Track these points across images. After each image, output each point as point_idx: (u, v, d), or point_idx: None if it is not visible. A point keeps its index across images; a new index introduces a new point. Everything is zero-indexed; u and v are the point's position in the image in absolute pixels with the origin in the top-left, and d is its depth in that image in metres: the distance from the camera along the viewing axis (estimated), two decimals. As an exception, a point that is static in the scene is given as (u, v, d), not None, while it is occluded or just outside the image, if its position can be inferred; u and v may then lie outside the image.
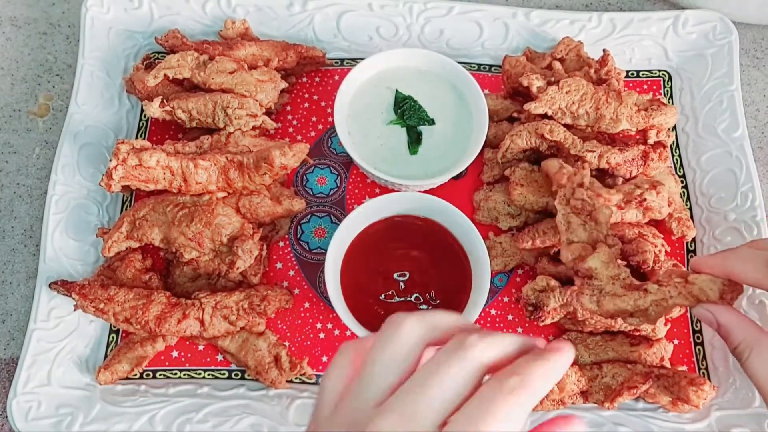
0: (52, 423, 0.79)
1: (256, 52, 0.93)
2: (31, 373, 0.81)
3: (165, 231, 0.84)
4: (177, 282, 0.88)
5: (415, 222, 0.85)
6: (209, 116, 0.88)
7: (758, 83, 1.05)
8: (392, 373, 0.46)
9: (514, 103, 0.95)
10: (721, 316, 0.61)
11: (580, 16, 1.00)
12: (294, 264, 0.91)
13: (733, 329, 0.60)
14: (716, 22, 0.99)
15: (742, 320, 0.61)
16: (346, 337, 0.87)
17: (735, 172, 0.92)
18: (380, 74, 0.93)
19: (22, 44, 1.06)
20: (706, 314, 0.62)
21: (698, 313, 0.63)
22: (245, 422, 0.80)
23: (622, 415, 0.81)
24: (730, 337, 0.61)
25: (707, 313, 0.62)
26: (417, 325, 0.48)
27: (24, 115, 1.01)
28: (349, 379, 0.49)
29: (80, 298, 0.81)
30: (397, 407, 0.44)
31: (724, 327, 0.61)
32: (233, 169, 0.83)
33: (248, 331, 0.84)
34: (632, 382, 0.79)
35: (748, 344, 0.59)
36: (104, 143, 0.94)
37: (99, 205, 0.91)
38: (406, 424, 0.43)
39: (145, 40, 1.01)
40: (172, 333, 0.81)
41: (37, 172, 0.98)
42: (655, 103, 0.87)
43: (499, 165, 0.91)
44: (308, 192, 0.94)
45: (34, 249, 0.93)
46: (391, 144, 0.90)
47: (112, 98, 0.97)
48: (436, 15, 1.00)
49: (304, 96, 1.00)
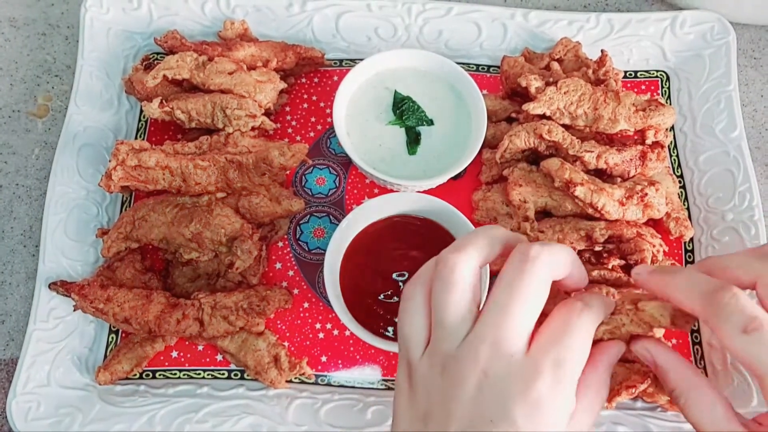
0: (52, 423, 0.79)
1: (255, 53, 0.94)
2: (31, 373, 0.81)
3: (164, 231, 0.84)
4: (176, 282, 0.88)
5: (414, 222, 0.85)
6: (208, 117, 0.88)
7: (756, 83, 1.05)
8: (466, 309, 0.51)
9: (513, 103, 0.95)
10: (659, 357, 0.57)
11: (578, 17, 1.00)
12: (293, 264, 0.91)
13: (669, 372, 0.56)
14: (714, 22, 0.99)
15: (679, 363, 0.56)
16: (345, 337, 0.87)
17: (733, 172, 0.92)
18: (379, 75, 0.93)
19: (21, 45, 1.06)
20: (644, 353, 0.57)
21: (636, 351, 0.58)
22: (245, 422, 0.80)
23: (621, 414, 0.81)
24: (667, 379, 0.56)
25: (645, 352, 0.57)
26: (472, 256, 0.53)
27: (23, 115, 1.01)
28: (426, 319, 0.53)
29: (80, 298, 0.81)
30: (486, 337, 0.49)
31: (661, 368, 0.56)
32: (232, 170, 0.83)
33: (247, 331, 0.84)
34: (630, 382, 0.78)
35: (682, 390, 0.54)
36: (103, 144, 0.94)
37: (98, 205, 0.92)
38: (498, 350, 0.49)
39: (144, 41, 1.01)
40: (172, 333, 0.81)
41: (36, 173, 0.98)
42: (653, 104, 0.88)
43: (498, 165, 0.92)
44: (307, 192, 0.95)
45: (33, 249, 0.93)
46: (389, 144, 0.90)
47: (112, 99, 0.97)
48: (434, 16, 1.00)
49: (303, 96, 1.00)
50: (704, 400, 0.53)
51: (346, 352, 0.87)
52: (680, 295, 0.53)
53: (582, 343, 0.51)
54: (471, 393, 0.49)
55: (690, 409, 0.54)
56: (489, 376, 0.48)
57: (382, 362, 0.86)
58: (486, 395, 0.48)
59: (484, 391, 0.48)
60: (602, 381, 0.54)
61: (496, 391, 0.48)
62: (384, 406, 0.82)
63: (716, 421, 0.52)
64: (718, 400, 0.53)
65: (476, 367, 0.49)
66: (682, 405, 0.54)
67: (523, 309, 0.50)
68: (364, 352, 0.86)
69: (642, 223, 0.86)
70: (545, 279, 0.51)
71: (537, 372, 0.48)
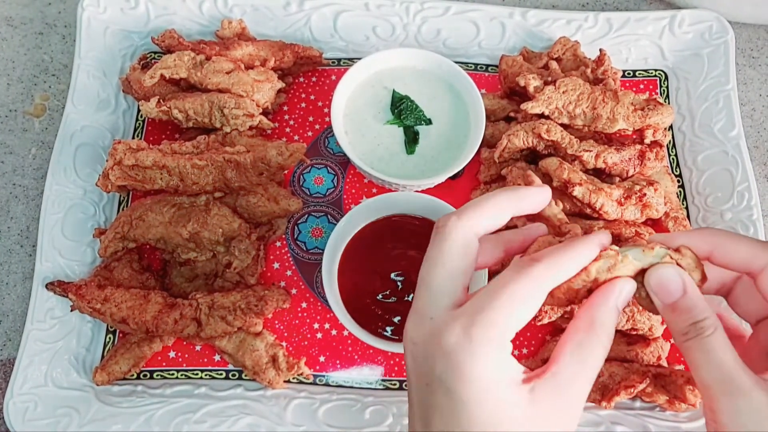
0: (49, 424, 0.79)
1: (252, 52, 0.93)
2: (28, 373, 0.81)
3: (162, 231, 0.84)
4: (174, 282, 0.88)
5: (412, 222, 0.85)
6: (206, 116, 0.88)
7: (754, 82, 1.05)
8: (444, 276, 0.51)
9: (511, 102, 0.95)
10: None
11: (577, 16, 1.00)
12: (291, 264, 0.90)
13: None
14: (712, 21, 0.99)
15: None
16: (343, 337, 0.87)
17: (731, 171, 0.92)
18: (377, 74, 0.93)
19: (18, 44, 1.06)
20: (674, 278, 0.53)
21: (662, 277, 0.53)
22: (243, 422, 0.80)
23: (620, 414, 0.81)
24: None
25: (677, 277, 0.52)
26: (468, 220, 0.52)
27: (20, 115, 1.01)
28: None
29: (77, 298, 0.81)
30: (413, 308, 0.51)
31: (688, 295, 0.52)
32: (230, 169, 0.83)
33: (245, 331, 0.84)
34: (629, 381, 0.79)
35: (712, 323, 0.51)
36: (101, 143, 0.94)
37: (95, 205, 0.91)
38: (418, 317, 0.50)
39: (142, 40, 1.01)
40: (169, 333, 0.81)
41: (33, 173, 0.97)
42: (651, 103, 0.88)
43: (496, 164, 0.91)
44: (305, 192, 0.94)
45: (30, 249, 0.93)
46: (388, 144, 0.90)
47: (109, 98, 0.97)
48: (432, 15, 1.00)
49: (301, 96, 1.00)
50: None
51: (345, 352, 0.86)
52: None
53: (509, 298, 0.47)
54: (410, 364, 0.50)
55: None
56: (416, 343, 0.49)
57: (380, 362, 0.86)
58: (418, 363, 0.49)
59: (417, 360, 0.49)
60: (593, 328, 0.51)
61: (423, 356, 0.49)
62: (382, 406, 0.82)
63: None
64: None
65: (407, 338, 0.50)
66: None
67: (436, 273, 0.51)
68: (363, 352, 0.86)
69: (641, 223, 0.85)
70: (459, 242, 0.51)
71: (447, 327, 0.47)
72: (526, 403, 0.47)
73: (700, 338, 0.51)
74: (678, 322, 0.52)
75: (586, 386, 0.49)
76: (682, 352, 0.53)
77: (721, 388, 0.49)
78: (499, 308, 0.47)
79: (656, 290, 0.53)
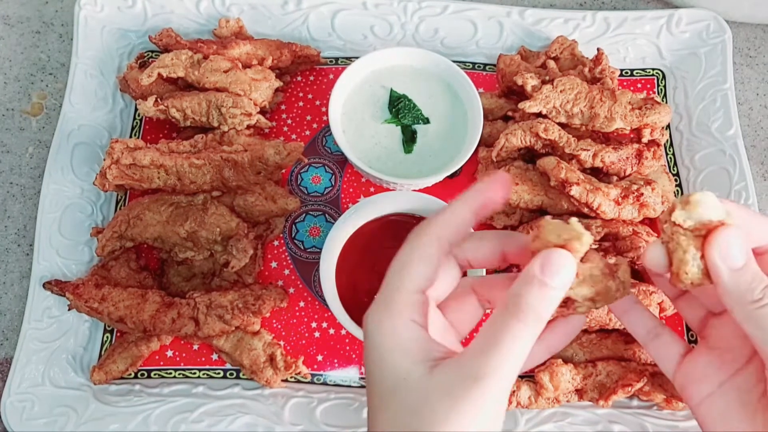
0: (47, 423, 0.79)
1: (250, 51, 0.93)
2: (25, 373, 0.81)
3: (159, 230, 0.84)
4: (171, 281, 0.87)
5: (410, 221, 0.85)
6: (203, 115, 0.88)
7: (751, 82, 1.05)
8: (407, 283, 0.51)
9: (509, 101, 0.95)
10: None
11: (574, 15, 1.00)
12: (289, 263, 0.90)
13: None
14: (710, 20, 0.99)
15: None
16: (341, 336, 0.87)
17: (728, 170, 0.92)
18: (375, 73, 0.93)
19: (15, 43, 1.06)
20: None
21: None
22: (240, 422, 0.80)
23: (617, 413, 0.81)
24: None
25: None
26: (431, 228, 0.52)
27: (17, 114, 1.01)
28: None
29: (74, 297, 0.81)
30: None
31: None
32: (228, 168, 0.83)
33: (243, 330, 0.84)
34: (627, 380, 0.79)
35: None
36: (98, 142, 0.94)
37: (93, 204, 0.91)
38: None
39: (139, 39, 1.00)
40: (167, 332, 0.81)
41: (30, 172, 0.97)
42: (649, 102, 0.88)
43: (494, 164, 0.91)
44: (303, 191, 0.94)
45: (27, 248, 0.93)
46: (385, 143, 0.90)
47: (106, 97, 0.97)
48: (430, 14, 1.00)
49: (299, 95, 1.00)
50: None
51: (342, 351, 0.86)
52: None
53: (409, 264, 0.50)
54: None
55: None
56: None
57: (378, 361, 0.86)
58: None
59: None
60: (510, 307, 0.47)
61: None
62: (380, 405, 0.82)
63: None
64: None
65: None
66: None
67: (398, 277, 0.50)
68: (360, 351, 0.86)
69: (638, 222, 0.86)
70: (424, 252, 0.50)
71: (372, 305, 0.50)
72: (419, 375, 0.46)
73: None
74: (749, 288, 0.48)
75: (501, 376, 0.45)
76: (746, 322, 0.49)
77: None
78: (394, 278, 0.49)
79: (724, 255, 0.48)
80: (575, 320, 0.56)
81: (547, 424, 0.80)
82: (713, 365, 0.55)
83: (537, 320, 0.46)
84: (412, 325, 0.48)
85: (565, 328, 0.56)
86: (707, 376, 0.55)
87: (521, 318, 0.45)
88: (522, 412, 0.81)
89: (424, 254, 0.50)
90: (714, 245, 0.48)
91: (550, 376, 0.79)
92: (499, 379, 0.44)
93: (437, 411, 0.44)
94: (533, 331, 0.46)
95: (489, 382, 0.44)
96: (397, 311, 0.48)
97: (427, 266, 0.50)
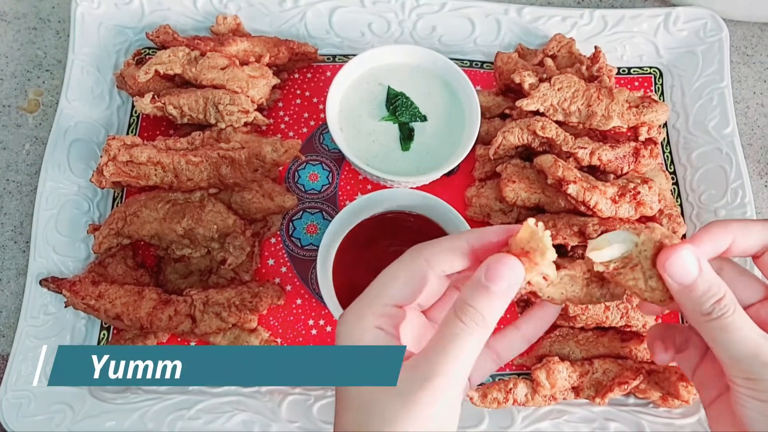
0: (43, 420, 0.79)
1: (247, 48, 0.93)
2: (22, 369, 0.81)
3: (156, 227, 0.84)
4: (168, 278, 0.87)
5: (407, 218, 0.85)
6: (201, 112, 0.87)
7: (748, 80, 1.06)
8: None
9: (506, 99, 0.95)
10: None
11: (572, 13, 1.00)
12: (286, 260, 0.90)
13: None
14: (707, 19, 0.99)
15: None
16: (338, 333, 0.87)
17: (725, 168, 0.92)
18: (372, 70, 0.93)
19: (11, 39, 1.05)
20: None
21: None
22: (237, 419, 0.80)
23: (613, 410, 0.82)
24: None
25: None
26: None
27: (14, 110, 1.01)
28: None
29: (71, 294, 0.81)
30: None
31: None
32: (225, 166, 0.83)
33: (240, 327, 0.84)
34: (623, 378, 0.79)
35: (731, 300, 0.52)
36: (95, 139, 0.94)
37: (90, 201, 0.91)
38: None
39: (136, 36, 1.00)
40: (164, 329, 0.81)
41: (27, 168, 0.97)
42: (646, 100, 0.88)
43: (491, 161, 0.91)
44: (300, 188, 0.94)
45: (24, 245, 0.93)
46: (383, 140, 0.90)
47: (103, 94, 0.96)
48: (428, 11, 1.00)
49: (296, 92, 1.00)
50: None
51: (339, 348, 0.86)
52: None
53: (379, 281, 0.54)
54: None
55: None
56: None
57: (375, 359, 0.86)
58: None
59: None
60: (456, 312, 0.50)
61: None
62: (377, 403, 0.82)
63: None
64: None
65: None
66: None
67: (378, 289, 0.53)
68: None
69: (635, 220, 0.86)
70: (411, 271, 0.52)
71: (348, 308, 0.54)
72: None
73: (725, 317, 0.51)
74: (698, 302, 0.51)
75: (449, 376, 0.47)
76: (702, 332, 0.52)
77: (755, 360, 0.50)
78: (372, 289, 0.52)
79: (671, 272, 0.51)
80: (551, 308, 0.58)
81: (544, 421, 0.80)
82: (717, 374, 0.57)
83: (482, 323, 0.48)
84: (376, 332, 0.50)
85: (541, 315, 0.58)
86: (713, 382, 0.59)
87: (467, 321, 0.47)
88: (518, 409, 0.81)
89: (410, 273, 0.52)
90: (659, 265, 0.51)
91: (546, 374, 0.79)
92: (448, 379, 0.47)
93: (387, 411, 0.47)
94: (480, 334, 0.48)
95: (438, 382, 0.46)
96: (365, 318, 0.51)
97: (409, 285, 0.52)
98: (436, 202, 0.82)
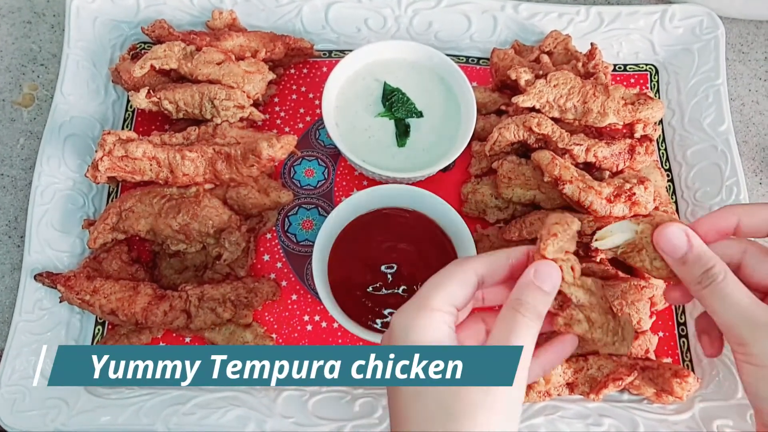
0: (38, 415, 0.79)
1: (243, 43, 0.93)
2: (16, 365, 0.81)
3: (151, 223, 0.84)
4: (163, 274, 0.87)
5: (402, 214, 0.85)
6: (196, 107, 0.87)
7: (744, 78, 1.06)
8: None
9: (502, 96, 0.95)
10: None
11: (568, 10, 1.00)
12: (281, 256, 0.90)
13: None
14: (703, 16, 0.99)
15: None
16: (333, 329, 0.87)
17: (720, 165, 0.92)
18: (368, 66, 0.93)
19: (6, 33, 1.05)
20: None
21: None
22: (232, 414, 0.80)
23: (608, 406, 0.82)
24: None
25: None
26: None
27: (8, 104, 1.00)
28: None
29: (66, 289, 0.80)
30: None
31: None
32: (220, 161, 0.83)
33: (235, 323, 0.84)
34: (617, 374, 0.79)
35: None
36: (90, 134, 0.93)
37: (85, 196, 0.91)
38: None
39: (132, 30, 1.00)
40: (159, 325, 0.81)
41: (21, 163, 0.97)
42: (641, 97, 0.88)
43: (487, 158, 0.92)
44: (296, 184, 0.94)
45: (18, 240, 0.92)
46: (379, 136, 0.90)
47: (98, 88, 0.96)
48: (424, 7, 1.00)
49: (292, 87, 1.00)
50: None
51: (335, 344, 0.86)
52: None
53: (440, 283, 0.59)
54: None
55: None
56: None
57: (370, 354, 0.86)
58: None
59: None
60: (517, 307, 0.57)
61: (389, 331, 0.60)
62: (372, 399, 0.82)
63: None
64: None
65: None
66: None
67: (431, 283, 0.59)
68: (353, 344, 0.86)
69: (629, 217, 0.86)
70: (463, 278, 0.58)
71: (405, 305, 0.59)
72: None
73: (715, 284, 0.57)
74: (691, 273, 0.59)
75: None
76: (700, 301, 0.59)
77: (745, 324, 0.55)
78: (431, 289, 0.57)
79: (665, 247, 0.60)
80: (569, 341, 0.63)
81: (538, 417, 0.81)
82: None
83: (538, 316, 0.56)
84: (443, 326, 0.56)
85: (560, 348, 0.63)
86: None
87: (524, 313, 0.55)
88: (513, 405, 0.82)
89: (463, 279, 0.58)
90: (655, 242, 0.61)
91: (541, 370, 0.80)
92: (521, 369, 0.53)
93: (469, 400, 0.52)
94: (536, 326, 0.56)
95: None
96: (430, 311, 0.56)
97: (463, 289, 0.58)
98: (432, 198, 0.82)
